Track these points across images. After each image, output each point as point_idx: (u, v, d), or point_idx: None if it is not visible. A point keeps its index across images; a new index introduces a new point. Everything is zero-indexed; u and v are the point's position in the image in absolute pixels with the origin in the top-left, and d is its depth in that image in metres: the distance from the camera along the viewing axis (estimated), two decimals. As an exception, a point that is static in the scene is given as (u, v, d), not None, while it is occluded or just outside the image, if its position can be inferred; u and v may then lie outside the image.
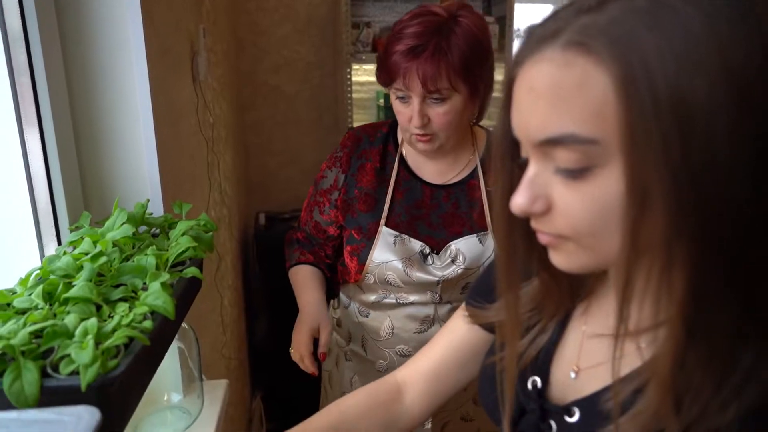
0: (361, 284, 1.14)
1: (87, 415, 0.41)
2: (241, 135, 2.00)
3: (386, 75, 1.02)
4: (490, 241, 1.08)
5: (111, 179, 0.86)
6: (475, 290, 0.67)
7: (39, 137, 0.77)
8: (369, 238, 1.09)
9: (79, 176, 0.85)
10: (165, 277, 0.61)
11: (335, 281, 1.24)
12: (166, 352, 0.65)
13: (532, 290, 0.54)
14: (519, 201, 0.42)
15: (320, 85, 2.08)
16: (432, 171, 1.13)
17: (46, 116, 0.77)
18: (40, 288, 0.56)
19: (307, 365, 1.06)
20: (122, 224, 0.69)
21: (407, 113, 1.02)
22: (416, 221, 1.10)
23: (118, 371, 0.47)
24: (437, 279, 1.07)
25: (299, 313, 1.12)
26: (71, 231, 0.76)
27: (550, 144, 0.40)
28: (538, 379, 0.51)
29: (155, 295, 0.56)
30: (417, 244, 1.07)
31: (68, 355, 0.47)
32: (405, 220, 1.09)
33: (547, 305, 0.53)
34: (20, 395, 0.44)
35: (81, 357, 0.46)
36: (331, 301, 1.28)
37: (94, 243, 0.66)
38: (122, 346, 0.51)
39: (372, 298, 1.14)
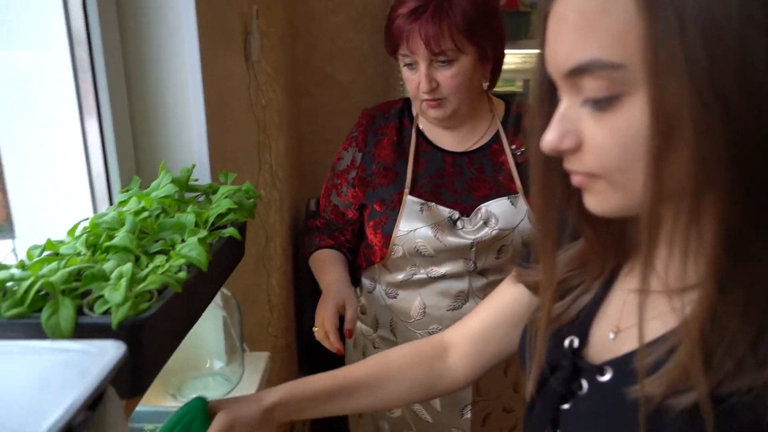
0: (387, 263, 1.10)
1: (113, 348, 0.42)
2: (295, 122, 2.03)
3: (390, 41, 1.01)
4: (521, 204, 1.04)
5: (162, 148, 0.89)
6: (525, 255, 0.66)
7: (96, 112, 0.81)
8: (393, 208, 1.07)
9: (132, 145, 0.89)
10: (203, 233, 0.62)
11: (357, 265, 1.20)
12: (203, 309, 0.66)
13: (575, 250, 0.51)
14: (549, 137, 0.40)
15: (375, 74, 2.08)
16: (451, 140, 1.10)
17: (102, 88, 0.80)
18: (84, 237, 0.58)
19: (332, 342, 1.02)
20: (166, 184, 0.71)
21: (415, 79, 1.00)
22: (440, 189, 1.07)
23: (148, 313, 0.48)
24: (470, 241, 1.03)
25: (323, 293, 1.09)
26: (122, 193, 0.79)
27: (577, 73, 0.38)
28: (576, 339, 0.49)
29: (190, 247, 0.57)
30: (445, 211, 1.04)
31: (103, 296, 0.49)
32: (429, 190, 1.07)
33: (590, 264, 0.50)
34: (56, 329, 0.46)
35: (113, 297, 0.47)
36: (354, 288, 1.22)
37: (139, 201, 0.69)
38: (156, 293, 0.52)
39: (400, 276, 1.10)
